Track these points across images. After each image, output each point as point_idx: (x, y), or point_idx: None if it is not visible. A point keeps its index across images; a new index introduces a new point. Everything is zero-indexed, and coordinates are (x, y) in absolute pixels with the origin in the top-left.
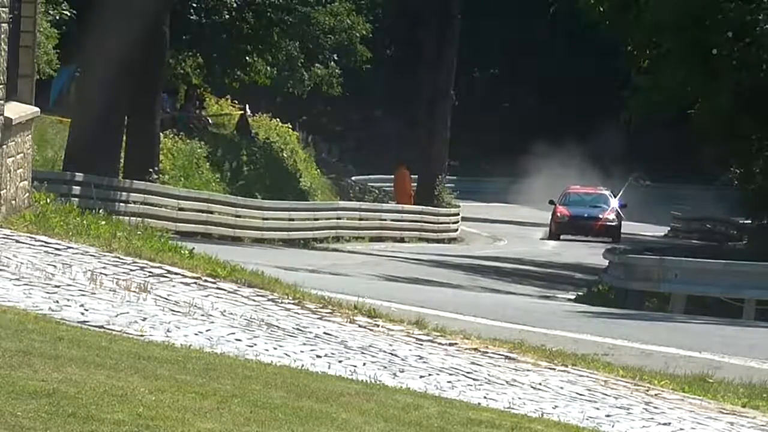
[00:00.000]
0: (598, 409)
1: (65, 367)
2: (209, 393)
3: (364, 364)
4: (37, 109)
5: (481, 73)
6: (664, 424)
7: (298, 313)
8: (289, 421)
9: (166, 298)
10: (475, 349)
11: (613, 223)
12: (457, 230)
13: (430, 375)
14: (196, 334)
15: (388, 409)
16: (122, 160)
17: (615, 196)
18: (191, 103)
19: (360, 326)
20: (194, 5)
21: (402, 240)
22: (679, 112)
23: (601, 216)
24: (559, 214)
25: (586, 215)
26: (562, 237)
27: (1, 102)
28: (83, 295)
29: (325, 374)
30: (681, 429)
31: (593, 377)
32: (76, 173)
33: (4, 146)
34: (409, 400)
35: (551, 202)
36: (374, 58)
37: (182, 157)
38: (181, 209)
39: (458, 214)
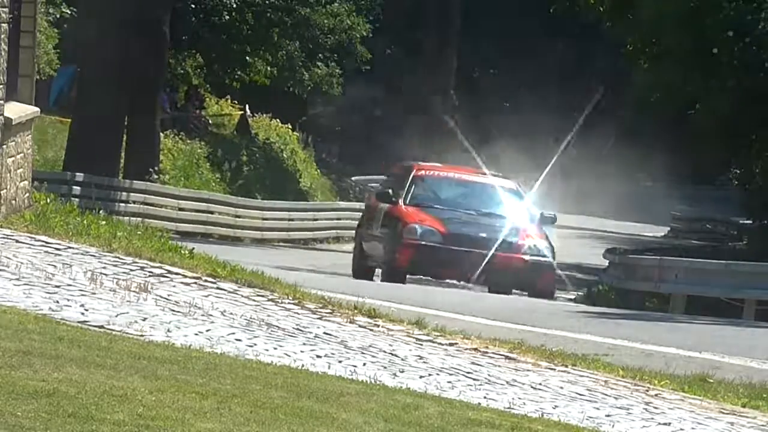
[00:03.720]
0: (598, 409)
1: (65, 367)
2: (209, 393)
3: (364, 364)
4: (37, 109)
5: (481, 73)
6: (664, 424)
7: (298, 313)
8: (289, 421)
9: (166, 298)
10: (475, 349)
11: (543, 258)
12: None
13: (430, 375)
14: (196, 334)
15: (388, 409)
16: (122, 160)
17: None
18: (191, 103)
19: (360, 326)
20: (194, 6)
21: None
22: (678, 111)
23: (515, 240)
24: (409, 228)
25: (483, 235)
26: (408, 278)
27: (1, 102)
28: (83, 295)
29: (325, 374)
30: (681, 429)
31: (593, 377)
32: (76, 173)
33: (4, 146)
34: (409, 400)
35: (381, 195)
36: (374, 58)
37: (182, 157)
38: (181, 209)
39: None
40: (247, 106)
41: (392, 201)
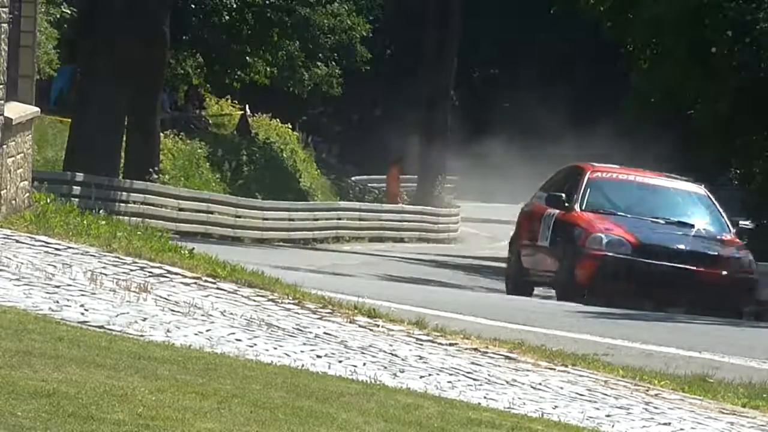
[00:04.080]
0: (598, 409)
1: (65, 367)
2: (209, 393)
3: (364, 364)
4: (37, 109)
5: (481, 73)
6: (664, 424)
7: (298, 313)
8: (289, 421)
9: (166, 298)
10: (475, 349)
11: (750, 275)
12: (457, 230)
13: (430, 375)
14: (196, 334)
15: (388, 409)
16: (122, 160)
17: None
18: (191, 103)
19: (360, 326)
20: (194, 6)
21: (402, 240)
22: (678, 111)
23: (716, 252)
24: (593, 237)
25: (680, 246)
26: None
27: (1, 102)
28: (83, 295)
29: (325, 374)
30: (681, 429)
31: (593, 377)
32: (76, 173)
33: (5, 146)
34: (410, 400)
35: (552, 199)
36: (374, 58)
37: (182, 157)
38: (181, 209)
39: (458, 215)
40: (247, 106)
41: (565, 207)
